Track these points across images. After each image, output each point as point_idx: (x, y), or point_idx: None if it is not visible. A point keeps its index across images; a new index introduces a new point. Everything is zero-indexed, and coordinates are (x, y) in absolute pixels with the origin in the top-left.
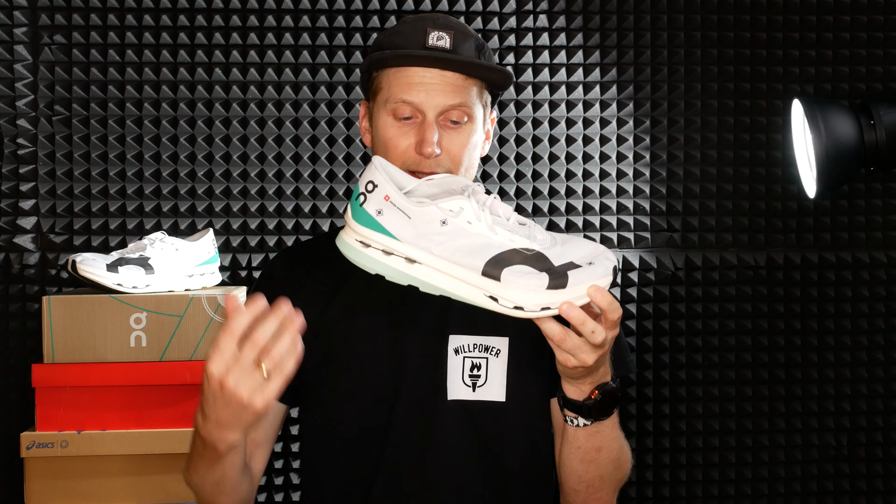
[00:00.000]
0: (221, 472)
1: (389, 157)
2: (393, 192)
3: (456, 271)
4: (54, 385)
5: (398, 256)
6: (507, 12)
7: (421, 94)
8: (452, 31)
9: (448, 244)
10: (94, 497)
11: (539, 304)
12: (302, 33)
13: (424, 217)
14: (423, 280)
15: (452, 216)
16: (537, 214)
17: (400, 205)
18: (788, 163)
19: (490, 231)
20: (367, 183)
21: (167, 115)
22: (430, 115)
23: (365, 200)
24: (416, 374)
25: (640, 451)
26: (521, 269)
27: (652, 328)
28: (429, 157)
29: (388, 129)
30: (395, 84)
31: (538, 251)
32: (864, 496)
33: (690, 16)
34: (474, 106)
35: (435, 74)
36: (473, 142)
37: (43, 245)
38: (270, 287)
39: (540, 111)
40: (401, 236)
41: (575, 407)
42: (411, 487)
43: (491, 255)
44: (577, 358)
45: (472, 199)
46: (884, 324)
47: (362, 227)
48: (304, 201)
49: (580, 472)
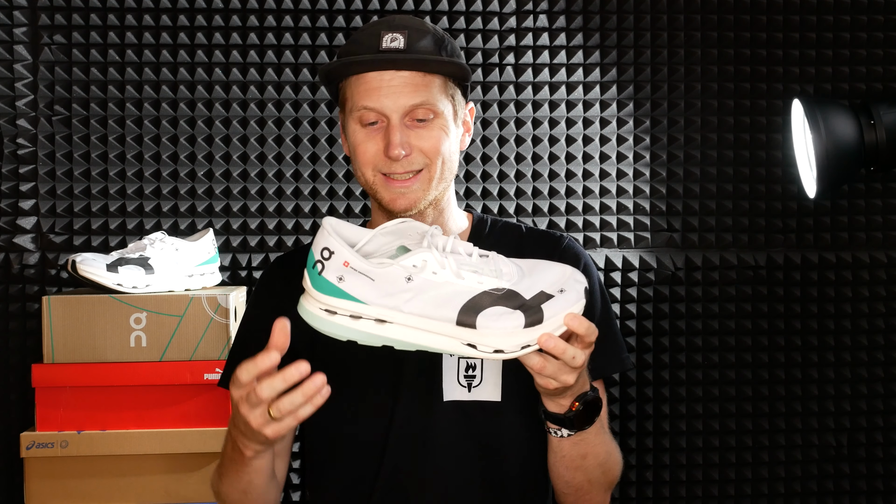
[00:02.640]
0: (248, 479)
1: (360, 163)
2: (351, 256)
3: (429, 325)
4: (54, 385)
5: (367, 319)
6: (507, 12)
7: (381, 98)
8: (406, 30)
9: (417, 300)
10: (93, 497)
11: (518, 344)
12: (302, 33)
13: (388, 278)
14: (397, 339)
15: (417, 271)
16: (537, 214)
17: (361, 269)
18: (788, 163)
19: (457, 278)
20: (322, 250)
21: (167, 115)
22: (394, 118)
23: (323, 269)
24: (414, 375)
25: (640, 451)
26: (496, 311)
27: (652, 328)
28: (396, 159)
29: (357, 135)
30: (356, 92)
31: (508, 289)
32: (864, 496)
33: (690, 16)
34: (438, 102)
35: (392, 76)
36: (448, 136)
37: (43, 245)
38: (266, 296)
39: (540, 111)
40: (367, 300)
41: (557, 420)
42: (411, 488)
43: (462, 303)
44: (558, 380)
45: (433, 249)
46: (884, 324)
47: (325, 296)
48: (304, 201)
49: (567, 478)
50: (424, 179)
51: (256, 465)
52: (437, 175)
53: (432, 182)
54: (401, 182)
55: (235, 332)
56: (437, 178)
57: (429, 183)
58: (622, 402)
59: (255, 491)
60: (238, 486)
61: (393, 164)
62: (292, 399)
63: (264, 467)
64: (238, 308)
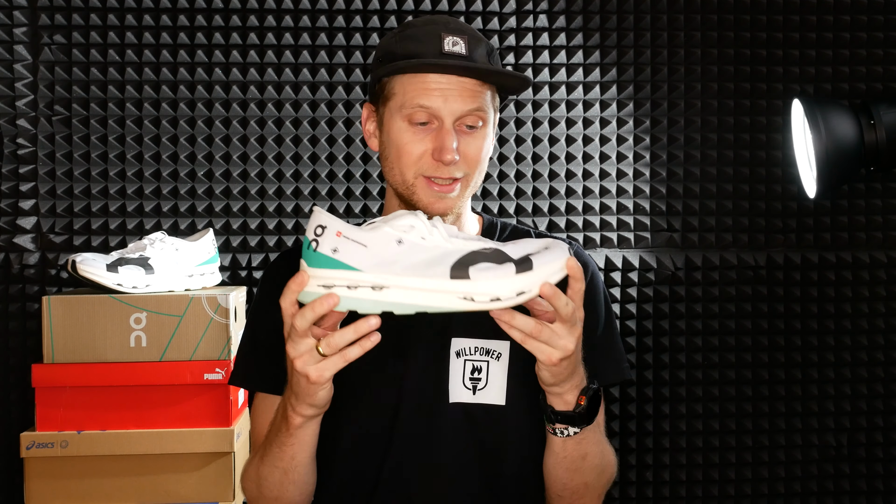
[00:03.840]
0: (291, 454)
1: (402, 163)
2: (343, 227)
3: (425, 283)
4: (54, 385)
5: (364, 287)
6: (507, 12)
7: (438, 100)
8: (466, 35)
9: (408, 260)
10: (93, 497)
11: (515, 289)
12: (302, 33)
13: (380, 240)
14: (394, 302)
15: (406, 233)
16: (537, 214)
17: (354, 237)
18: (788, 163)
19: (445, 241)
20: (316, 227)
21: (167, 115)
22: (448, 121)
23: (318, 245)
24: (419, 376)
25: (639, 451)
26: (487, 265)
27: (652, 328)
28: (448, 163)
29: (403, 134)
30: (410, 89)
31: (495, 248)
32: (864, 496)
33: (690, 16)
34: (488, 110)
35: (452, 80)
36: (487, 145)
37: (43, 245)
38: (272, 288)
39: (540, 111)
40: (361, 266)
41: (566, 418)
42: (414, 489)
43: (454, 260)
44: (557, 346)
45: (420, 216)
46: (884, 324)
47: (321, 270)
48: (304, 201)
49: (565, 481)
50: (463, 186)
51: (301, 436)
52: (474, 183)
53: (468, 189)
54: (442, 186)
55: (244, 328)
56: (472, 185)
57: (466, 190)
58: (622, 402)
59: (296, 470)
60: (280, 463)
61: (439, 168)
62: (343, 334)
63: (308, 442)
64: (238, 308)
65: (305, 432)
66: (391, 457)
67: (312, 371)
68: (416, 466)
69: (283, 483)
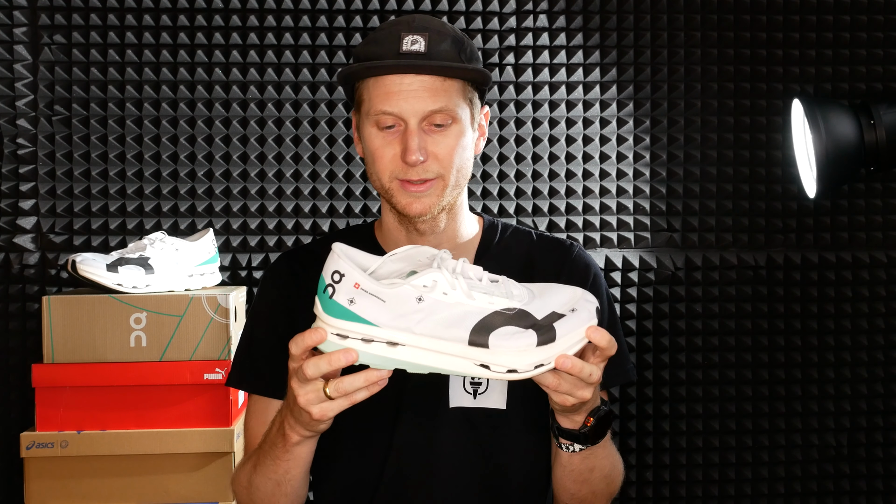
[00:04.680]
0: (285, 468)
1: (377, 168)
2: (362, 278)
3: (441, 346)
4: (54, 385)
5: (379, 342)
6: (507, 12)
7: (400, 103)
8: (427, 32)
9: (428, 320)
10: (93, 497)
11: (532, 363)
12: (302, 33)
13: (399, 298)
14: (409, 361)
15: (427, 291)
16: (537, 214)
17: (372, 290)
18: (788, 163)
19: (468, 298)
20: (333, 273)
21: (167, 115)
22: (412, 123)
23: (334, 292)
24: (420, 381)
25: (640, 452)
26: (508, 331)
27: (652, 328)
28: (413, 164)
29: (374, 139)
30: (374, 95)
31: (519, 308)
32: (864, 496)
33: (690, 16)
34: (457, 107)
35: (412, 80)
36: (463, 143)
37: (43, 245)
38: (273, 289)
39: (540, 111)
40: (378, 322)
41: (571, 436)
42: (414, 494)
43: (474, 323)
44: (574, 396)
45: (444, 269)
46: (884, 324)
47: (336, 320)
48: (304, 201)
49: (573, 491)
50: (439, 186)
51: (297, 452)
52: (452, 182)
53: (447, 189)
54: (416, 186)
55: (242, 328)
56: (451, 185)
57: (443, 189)
58: (622, 402)
59: (289, 483)
60: (273, 475)
61: (409, 170)
62: (353, 381)
63: (304, 458)
64: (238, 308)
65: (302, 449)
66: (391, 462)
67: (316, 410)
68: (417, 471)
69: (276, 494)
